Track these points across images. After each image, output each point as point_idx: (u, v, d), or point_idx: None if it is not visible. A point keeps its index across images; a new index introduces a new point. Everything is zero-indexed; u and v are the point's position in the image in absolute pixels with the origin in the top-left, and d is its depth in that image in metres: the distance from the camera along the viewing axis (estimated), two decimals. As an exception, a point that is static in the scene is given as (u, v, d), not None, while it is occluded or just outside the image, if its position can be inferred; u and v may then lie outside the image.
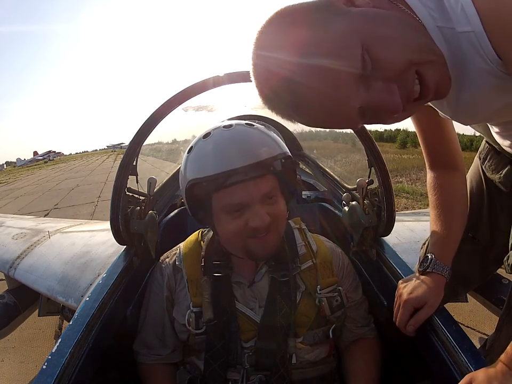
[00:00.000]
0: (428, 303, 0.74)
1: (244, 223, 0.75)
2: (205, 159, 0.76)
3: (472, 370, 0.62)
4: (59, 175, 17.97)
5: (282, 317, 0.82)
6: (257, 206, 0.75)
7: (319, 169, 2.04)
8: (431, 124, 0.79)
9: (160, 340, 0.90)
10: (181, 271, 0.90)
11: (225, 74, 0.90)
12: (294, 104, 0.52)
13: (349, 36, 0.47)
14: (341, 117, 0.52)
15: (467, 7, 0.47)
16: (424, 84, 0.50)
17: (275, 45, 0.50)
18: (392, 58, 0.48)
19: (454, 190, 0.83)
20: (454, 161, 0.83)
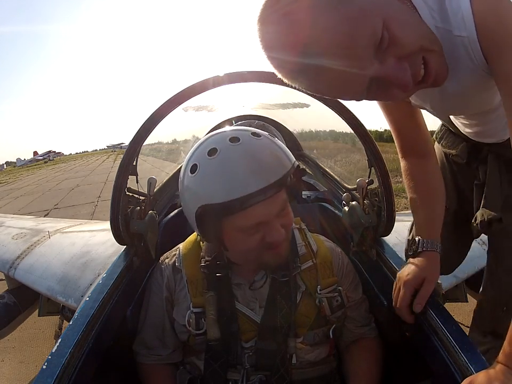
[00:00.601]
0: (426, 279, 0.77)
1: (261, 238, 0.73)
2: (216, 183, 0.68)
3: (472, 370, 0.62)
4: (59, 175, 17.97)
5: (282, 317, 0.82)
6: (274, 222, 0.73)
7: (319, 169, 2.04)
8: (404, 113, 0.82)
9: (160, 340, 0.90)
10: (180, 272, 0.90)
11: (225, 74, 0.90)
12: (304, 64, 0.51)
13: (372, 10, 0.50)
14: (350, 84, 0.54)
15: (466, 17, 0.55)
16: (427, 70, 0.55)
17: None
18: (408, 39, 0.52)
19: (432, 175, 0.88)
20: (426, 148, 0.88)
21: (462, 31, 0.57)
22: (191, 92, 0.92)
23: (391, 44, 0.51)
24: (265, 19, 0.53)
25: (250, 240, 0.73)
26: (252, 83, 0.94)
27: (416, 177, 0.87)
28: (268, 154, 0.71)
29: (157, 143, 2.62)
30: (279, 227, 0.73)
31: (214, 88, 0.92)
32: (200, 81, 0.91)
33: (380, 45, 0.50)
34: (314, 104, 1.01)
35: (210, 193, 0.69)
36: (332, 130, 2.50)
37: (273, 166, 0.70)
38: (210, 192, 0.69)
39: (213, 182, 0.69)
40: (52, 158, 56.23)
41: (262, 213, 0.70)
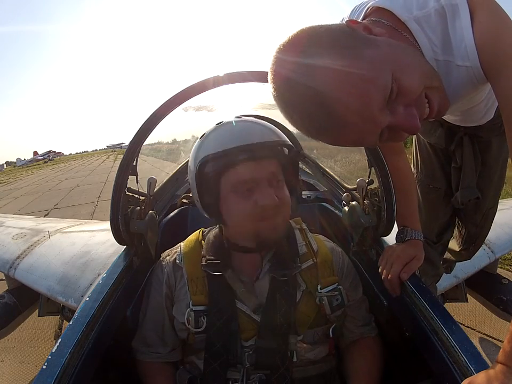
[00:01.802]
0: (416, 257, 0.87)
1: (253, 203, 0.78)
2: (219, 138, 0.82)
3: (472, 370, 0.62)
4: (59, 175, 17.97)
5: (282, 316, 0.82)
6: (265, 185, 0.79)
7: (319, 169, 2.03)
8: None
9: (160, 338, 0.90)
10: (181, 270, 0.90)
11: (225, 74, 0.91)
12: (322, 121, 0.55)
13: (380, 64, 0.53)
14: (366, 137, 0.58)
15: (469, 47, 0.59)
16: (431, 106, 0.59)
17: (308, 64, 0.53)
18: (414, 86, 0.55)
19: (405, 172, 0.98)
20: (400, 146, 0.98)
21: (465, 61, 0.61)
22: (191, 92, 0.92)
23: (400, 94, 0.54)
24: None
25: (244, 205, 0.78)
26: (252, 83, 0.94)
27: (395, 173, 0.93)
28: (266, 125, 0.85)
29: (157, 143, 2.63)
30: (271, 192, 0.78)
31: (214, 88, 0.92)
32: (200, 81, 0.91)
33: (390, 96, 0.53)
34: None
35: (212, 146, 0.81)
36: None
37: (269, 131, 0.83)
38: (212, 145, 0.81)
39: (212, 140, 0.84)
40: (52, 158, 56.20)
41: (251, 170, 0.78)
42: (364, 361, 0.89)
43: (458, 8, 0.59)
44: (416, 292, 0.82)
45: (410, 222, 0.97)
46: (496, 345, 2.11)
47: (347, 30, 0.56)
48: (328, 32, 0.55)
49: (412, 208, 0.99)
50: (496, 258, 1.80)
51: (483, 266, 1.72)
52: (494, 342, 2.15)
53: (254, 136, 0.79)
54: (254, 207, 0.78)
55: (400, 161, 0.97)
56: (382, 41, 0.56)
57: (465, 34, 0.59)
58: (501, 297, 1.81)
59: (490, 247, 1.77)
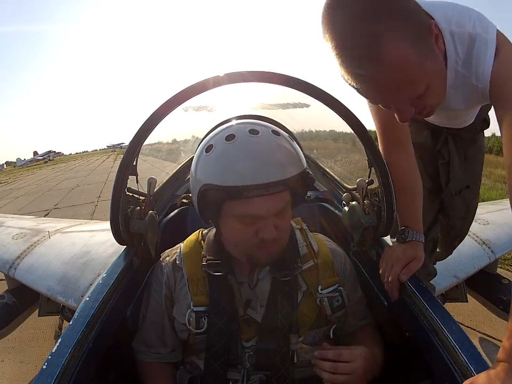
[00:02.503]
0: (416, 258, 0.88)
1: (253, 232, 0.75)
2: (228, 166, 0.71)
3: (472, 370, 0.62)
4: (59, 175, 17.97)
5: (283, 316, 0.82)
6: (269, 220, 0.74)
7: (319, 169, 2.04)
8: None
9: (159, 338, 0.90)
10: (181, 270, 0.90)
11: (225, 74, 0.90)
12: (366, 73, 0.64)
13: (427, 77, 0.66)
14: (380, 101, 0.74)
15: (486, 73, 0.73)
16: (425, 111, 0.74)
17: (381, 31, 0.61)
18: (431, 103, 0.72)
19: (406, 171, 0.98)
20: (407, 141, 0.98)
21: (478, 83, 0.75)
22: (191, 92, 0.92)
23: (418, 98, 0.68)
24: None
25: (244, 232, 0.76)
26: (252, 83, 0.94)
27: (395, 172, 0.95)
28: (284, 154, 0.74)
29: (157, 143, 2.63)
30: (272, 227, 0.75)
31: (214, 88, 0.92)
32: (200, 81, 0.91)
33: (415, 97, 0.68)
34: (314, 104, 1.01)
35: (220, 175, 0.72)
36: (331, 130, 2.50)
37: (286, 165, 0.73)
38: (220, 174, 0.72)
39: (225, 165, 0.72)
40: (52, 158, 56.15)
41: (260, 207, 0.72)
42: (364, 335, 0.91)
43: (487, 41, 0.72)
44: (416, 292, 0.82)
45: (411, 222, 0.97)
46: (496, 345, 2.11)
47: (426, 29, 0.66)
48: (413, 18, 0.65)
49: (413, 209, 0.99)
50: (496, 258, 1.80)
51: (483, 266, 1.72)
52: (494, 342, 2.15)
53: (269, 173, 0.69)
54: (254, 236, 0.76)
55: (401, 159, 0.97)
56: (438, 61, 0.69)
57: (487, 63, 0.72)
58: (501, 297, 1.81)
59: (490, 247, 1.77)
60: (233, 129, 0.77)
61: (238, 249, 0.82)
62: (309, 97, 0.94)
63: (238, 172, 0.70)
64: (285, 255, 0.87)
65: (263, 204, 0.72)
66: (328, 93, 0.92)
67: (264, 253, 0.78)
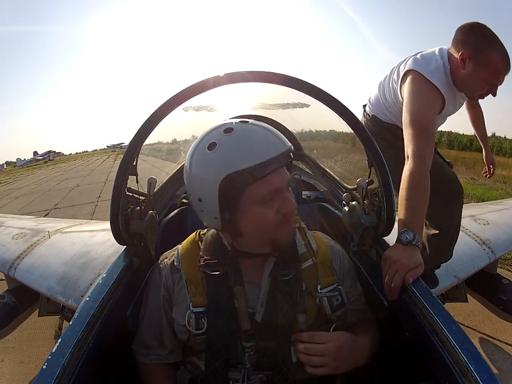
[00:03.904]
0: (420, 264, 0.89)
1: (275, 211, 0.78)
2: (238, 152, 0.74)
3: (472, 370, 0.62)
4: (59, 175, 17.97)
5: (283, 316, 0.82)
6: (287, 191, 0.79)
7: (319, 169, 2.04)
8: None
9: (158, 340, 0.90)
10: (179, 272, 0.89)
11: (225, 74, 0.90)
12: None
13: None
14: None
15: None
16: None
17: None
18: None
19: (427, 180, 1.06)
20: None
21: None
22: (191, 92, 0.92)
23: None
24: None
25: (267, 214, 0.77)
26: (252, 83, 0.94)
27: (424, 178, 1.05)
28: (274, 131, 0.80)
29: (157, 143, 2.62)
30: (291, 197, 0.79)
31: (214, 88, 0.92)
32: (200, 81, 0.91)
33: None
34: (314, 104, 1.01)
35: (234, 162, 0.73)
36: (331, 130, 2.50)
37: (282, 139, 0.79)
38: (234, 161, 0.73)
39: (235, 152, 0.74)
40: (52, 158, 56.09)
41: (279, 180, 0.77)
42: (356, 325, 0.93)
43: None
44: (416, 292, 0.82)
45: (419, 230, 0.97)
46: (496, 345, 2.11)
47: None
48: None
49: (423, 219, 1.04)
50: (496, 258, 1.80)
51: (483, 266, 1.72)
52: (494, 342, 2.15)
53: (279, 145, 0.76)
54: (276, 215, 0.78)
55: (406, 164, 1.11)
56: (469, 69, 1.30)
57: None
58: (501, 297, 1.81)
59: (490, 247, 1.77)
60: (225, 123, 0.79)
61: (263, 237, 0.81)
62: (309, 97, 0.94)
63: (253, 152, 0.73)
64: (285, 254, 0.87)
65: (280, 176, 0.77)
66: (328, 93, 0.93)
67: (286, 230, 0.81)
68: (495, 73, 1.24)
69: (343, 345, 0.81)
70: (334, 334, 0.83)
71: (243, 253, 0.86)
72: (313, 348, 0.79)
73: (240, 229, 0.80)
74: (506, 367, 1.92)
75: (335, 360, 0.79)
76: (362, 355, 0.85)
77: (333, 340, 0.81)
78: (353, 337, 0.84)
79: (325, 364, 0.79)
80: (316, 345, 0.80)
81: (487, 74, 1.25)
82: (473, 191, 6.76)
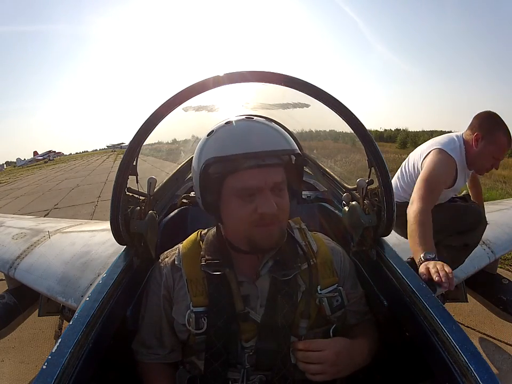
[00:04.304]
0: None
1: (253, 209, 0.77)
2: (227, 140, 0.78)
3: (472, 370, 0.62)
4: (59, 175, 17.97)
5: (283, 316, 0.82)
6: (267, 193, 0.77)
7: (319, 169, 2.04)
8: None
9: (158, 340, 0.90)
10: (180, 271, 0.90)
11: (225, 74, 0.90)
12: None
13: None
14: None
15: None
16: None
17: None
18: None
19: (429, 218, 1.43)
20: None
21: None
22: (191, 92, 0.92)
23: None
24: None
25: (244, 208, 0.77)
26: (252, 83, 0.94)
27: (427, 216, 1.42)
28: (277, 131, 0.81)
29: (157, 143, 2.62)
30: (271, 201, 0.76)
31: (214, 88, 0.92)
32: (200, 81, 0.91)
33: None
34: (314, 104, 1.01)
35: (221, 148, 0.77)
36: (331, 130, 2.49)
37: (280, 139, 0.79)
38: (221, 147, 0.77)
39: (225, 139, 0.78)
40: (52, 158, 56.10)
41: (257, 178, 0.76)
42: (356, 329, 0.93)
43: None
44: (416, 292, 0.82)
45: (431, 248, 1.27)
46: (496, 345, 2.11)
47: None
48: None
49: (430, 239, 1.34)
50: (496, 258, 1.80)
51: (483, 266, 1.73)
52: (494, 342, 2.15)
53: (264, 143, 0.76)
54: (253, 213, 0.77)
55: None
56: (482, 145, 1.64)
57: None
58: (501, 297, 1.81)
59: (490, 247, 1.78)
60: (232, 117, 0.83)
61: (239, 233, 0.81)
62: (309, 97, 0.94)
63: (235, 144, 0.76)
64: (284, 254, 0.87)
65: (260, 174, 0.76)
66: (328, 93, 0.92)
67: (264, 232, 0.78)
68: (501, 149, 1.62)
69: (341, 351, 0.81)
70: (331, 341, 0.83)
71: (230, 244, 0.86)
72: (310, 356, 0.80)
73: (222, 216, 0.83)
74: (506, 367, 1.92)
75: (333, 366, 0.79)
76: (362, 358, 0.85)
77: (330, 347, 0.81)
78: (351, 341, 0.84)
79: (324, 371, 0.79)
80: (313, 353, 0.80)
81: (495, 151, 1.62)
82: (473, 191, 6.75)
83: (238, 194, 0.77)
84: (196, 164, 0.82)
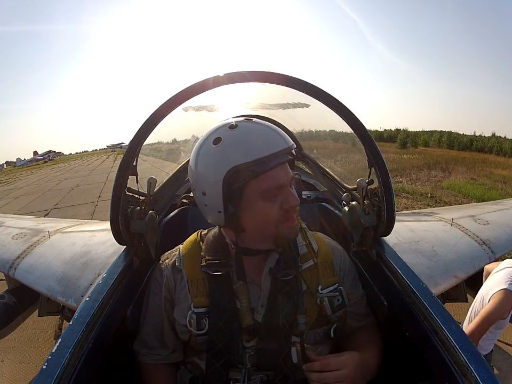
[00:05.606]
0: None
1: (279, 206, 0.78)
2: (246, 145, 0.76)
3: (472, 370, 0.62)
4: (59, 175, 17.97)
5: (284, 316, 0.82)
6: (289, 187, 0.79)
7: (319, 169, 2.04)
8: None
9: (159, 340, 0.90)
10: (180, 272, 0.90)
11: (225, 74, 0.90)
12: None
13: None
14: None
15: None
16: None
17: None
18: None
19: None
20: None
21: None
22: (191, 92, 0.92)
23: None
24: None
25: (270, 209, 0.78)
26: (252, 83, 0.94)
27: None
28: (277, 130, 0.81)
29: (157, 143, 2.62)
30: (294, 192, 0.80)
31: (214, 88, 0.92)
32: (200, 81, 0.91)
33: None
34: (314, 104, 1.01)
35: (239, 155, 0.75)
36: (332, 130, 2.50)
37: (284, 136, 0.80)
38: (239, 155, 0.75)
39: (240, 146, 0.76)
40: (52, 158, 56.09)
41: (282, 175, 0.78)
42: (361, 337, 0.92)
43: None
44: (416, 292, 0.82)
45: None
46: (496, 345, 2.11)
47: None
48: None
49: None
50: (496, 258, 1.80)
51: (483, 266, 1.72)
52: (494, 342, 2.15)
53: (280, 142, 0.77)
54: (279, 210, 0.78)
55: None
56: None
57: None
58: (501, 297, 1.80)
59: (490, 247, 1.77)
60: (230, 121, 0.81)
61: (265, 233, 0.81)
62: (309, 97, 0.94)
63: (258, 146, 0.75)
64: (286, 254, 0.87)
65: (283, 171, 0.78)
66: (328, 93, 0.92)
67: (289, 225, 0.80)
68: None
69: (358, 368, 0.78)
70: (346, 358, 0.79)
71: (246, 250, 0.85)
72: (327, 377, 0.76)
73: (243, 224, 0.80)
74: (506, 367, 1.93)
75: (353, 383, 0.77)
76: (374, 368, 0.84)
77: (347, 365, 0.77)
78: (363, 355, 0.82)
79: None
80: (330, 373, 0.76)
81: None
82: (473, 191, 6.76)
83: (263, 196, 0.77)
84: (211, 175, 0.77)
